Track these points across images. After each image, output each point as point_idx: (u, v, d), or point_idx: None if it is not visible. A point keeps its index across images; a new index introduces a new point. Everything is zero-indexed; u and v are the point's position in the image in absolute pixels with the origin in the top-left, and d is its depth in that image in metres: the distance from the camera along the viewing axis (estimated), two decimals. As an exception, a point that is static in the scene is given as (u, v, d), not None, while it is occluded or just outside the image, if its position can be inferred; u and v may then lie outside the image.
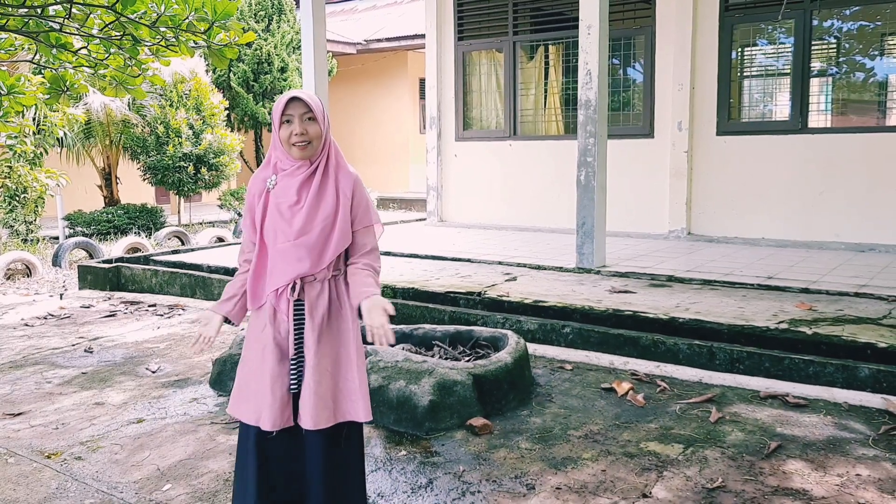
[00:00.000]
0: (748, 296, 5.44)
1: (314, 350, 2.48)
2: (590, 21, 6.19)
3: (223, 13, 4.51)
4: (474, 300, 5.58)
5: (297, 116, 2.45)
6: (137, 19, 4.52)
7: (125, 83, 5.47)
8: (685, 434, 3.61)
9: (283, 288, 2.49)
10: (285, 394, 2.50)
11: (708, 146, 8.06)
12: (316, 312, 2.50)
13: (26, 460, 3.50)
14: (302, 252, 2.46)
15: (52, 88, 5.46)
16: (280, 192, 2.50)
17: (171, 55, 5.11)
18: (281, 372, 2.51)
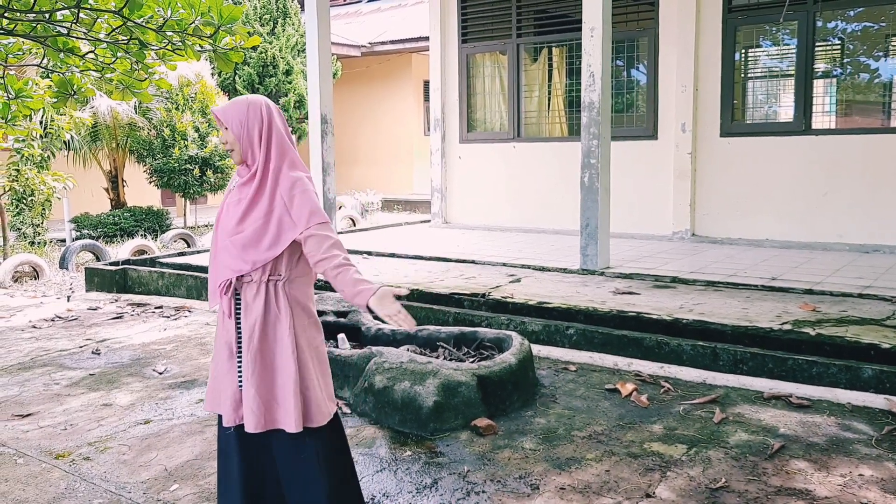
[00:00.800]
0: (752, 297, 5.45)
1: (247, 352, 2.51)
2: (593, 23, 6.21)
3: (228, 17, 4.55)
4: (479, 301, 5.61)
5: (221, 128, 2.59)
6: (144, 23, 4.56)
7: (132, 87, 5.51)
8: (689, 435, 3.63)
9: (223, 285, 2.53)
10: (235, 390, 2.54)
11: (712, 147, 8.07)
12: (250, 314, 2.51)
13: (35, 461, 3.54)
14: (235, 250, 2.50)
15: (60, 92, 5.51)
16: (232, 194, 2.61)
17: (177, 59, 5.15)
18: (230, 369, 2.56)
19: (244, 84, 13.46)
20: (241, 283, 2.51)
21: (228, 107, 2.57)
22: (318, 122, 7.93)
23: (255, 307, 2.50)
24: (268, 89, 13.57)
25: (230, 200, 2.59)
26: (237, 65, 12.84)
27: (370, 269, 6.95)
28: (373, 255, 7.75)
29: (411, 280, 6.28)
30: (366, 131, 19.24)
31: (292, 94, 13.70)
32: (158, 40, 4.73)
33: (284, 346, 2.50)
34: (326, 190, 8.02)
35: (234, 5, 4.33)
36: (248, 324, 2.50)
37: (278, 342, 2.51)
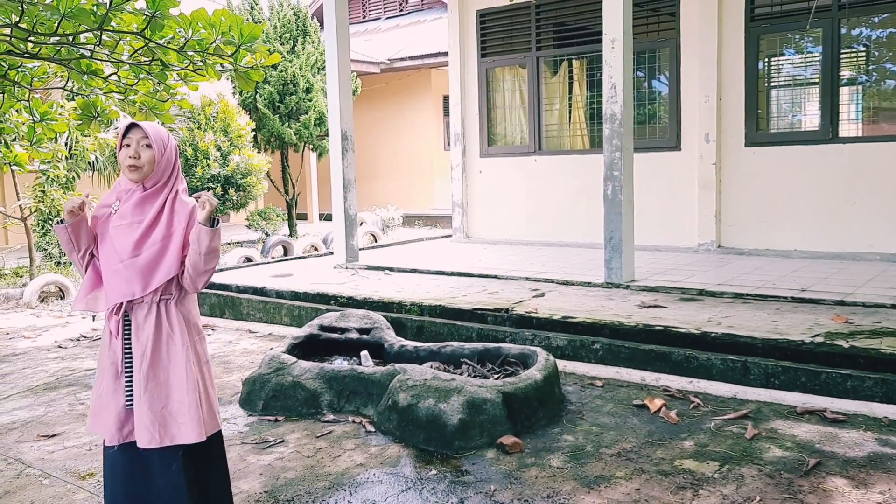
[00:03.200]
0: (782, 309, 5.34)
1: (139, 371, 2.57)
2: (613, 35, 6.17)
3: (249, 36, 4.56)
4: (502, 317, 5.55)
5: (135, 141, 2.60)
6: (165, 44, 4.59)
7: (154, 108, 5.55)
8: (721, 451, 3.54)
9: (114, 308, 2.59)
10: (121, 410, 2.59)
11: (736, 158, 7.96)
12: (142, 334, 2.58)
13: (60, 482, 3.53)
14: (131, 273, 2.55)
15: (84, 114, 5.56)
16: (119, 216, 2.62)
17: (199, 80, 5.18)
18: (116, 388, 2.60)
19: (265, 102, 13.56)
20: (131, 304, 2.59)
21: (151, 128, 2.62)
22: (339, 138, 7.94)
23: (147, 327, 2.58)
24: (288, 107, 13.66)
25: (118, 223, 2.60)
26: (258, 83, 12.94)
27: (392, 284, 6.92)
28: (394, 270, 7.73)
29: (433, 296, 6.24)
30: (385, 147, 19.30)
31: (312, 112, 13.77)
32: (180, 61, 4.76)
33: (179, 362, 2.60)
34: (347, 206, 8.02)
35: (254, 24, 4.35)
36: (140, 343, 2.58)
37: (172, 359, 2.60)
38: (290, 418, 4.24)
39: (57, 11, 3.90)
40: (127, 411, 2.60)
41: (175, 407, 2.59)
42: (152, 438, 2.55)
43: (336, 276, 7.55)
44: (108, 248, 2.63)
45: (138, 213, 2.61)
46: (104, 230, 2.65)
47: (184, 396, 2.59)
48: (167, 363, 2.61)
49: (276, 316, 6.64)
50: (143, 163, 2.60)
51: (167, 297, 2.63)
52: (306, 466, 3.58)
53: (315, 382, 4.30)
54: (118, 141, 2.66)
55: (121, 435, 2.61)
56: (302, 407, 4.26)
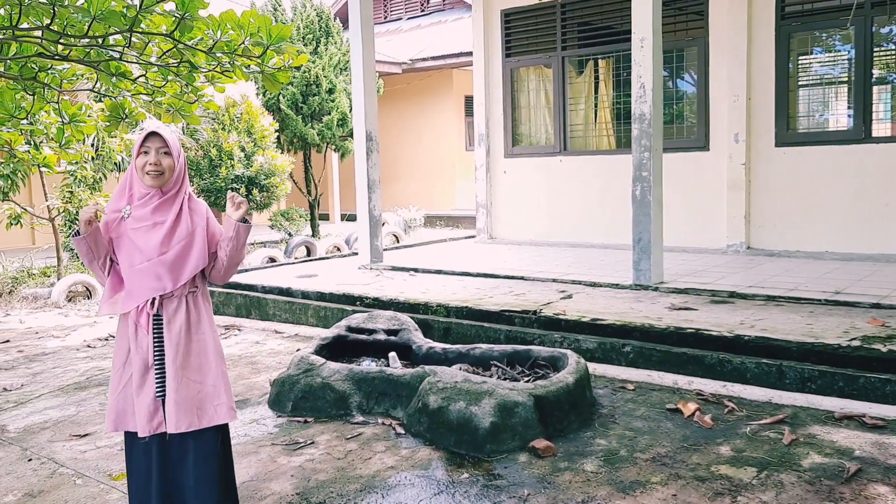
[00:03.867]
0: (816, 312, 5.25)
1: (174, 361, 2.72)
2: (643, 34, 6.10)
3: (278, 37, 4.55)
4: (530, 319, 5.50)
5: (154, 149, 2.73)
6: (194, 46, 4.59)
7: (181, 110, 5.57)
8: (758, 457, 3.47)
9: (142, 304, 2.71)
10: (151, 401, 2.72)
11: (766, 158, 7.86)
12: (173, 326, 2.74)
13: (94, 482, 3.54)
14: (160, 270, 2.71)
15: (112, 116, 5.59)
16: (136, 219, 2.73)
17: (226, 81, 5.18)
18: (145, 382, 2.73)
19: (288, 103, 13.60)
20: (160, 299, 2.73)
21: (170, 136, 2.76)
22: (364, 139, 7.94)
23: (178, 319, 2.75)
24: (311, 108, 13.68)
25: (137, 225, 2.72)
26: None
27: (417, 285, 6.89)
28: (419, 271, 7.70)
29: (459, 297, 6.21)
30: (407, 147, 19.30)
31: (335, 113, 13.79)
32: (208, 62, 4.77)
33: (209, 348, 2.81)
34: (372, 207, 8.01)
35: (282, 25, 4.34)
36: (173, 334, 2.73)
37: (203, 346, 2.80)
38: (319, 419, 4.22)
39: (88, 13, 3.91)
40: (156, 403, 2.73)
41: (209, 390, 2.79)
42: (192, 422, 2.72)
43: (361, 277, 7.54)
44: (130, 248, 2.75)
45: (159, 214, 2.75)
46: (119, 234, 2.76)
47: (216, 380, 2.81)
48: (199, 350, 2.78)
49: (302, 316, 6.64)
50: (164, 170, 2.74)
51: (193, 290, 2.82)
52: (337, 468, 3.56)
53: (344, 384, 4.28)
54: (135, 147, 2.78)
55: (151, 426, 2.72)
56: (331, 408, 4.24)
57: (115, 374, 2.80)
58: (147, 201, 2.75)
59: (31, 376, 5.45)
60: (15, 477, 3.65)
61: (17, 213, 9.39)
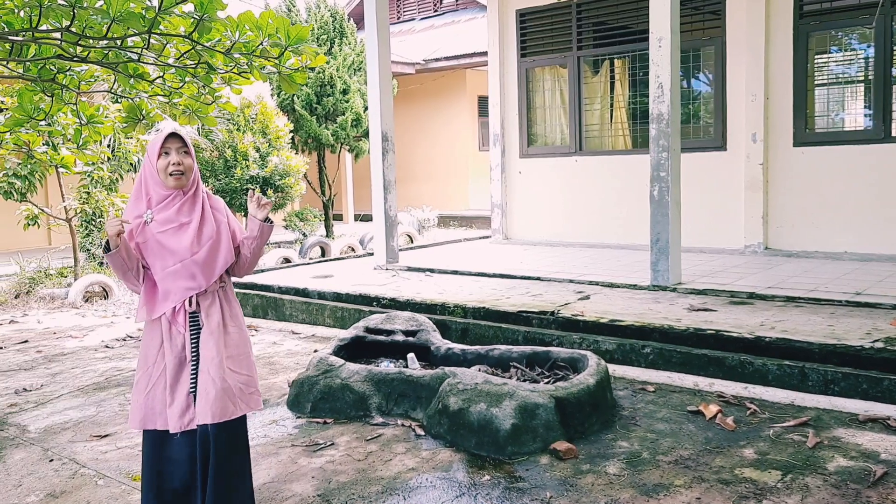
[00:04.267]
0: (837, 313, 5.20)
1: (214, 354, 2.79)
2: (661, 34, 6.07)
3: (296, 37, 4.55)
4: (548, 319, 5.48)
5: (175, 150, 2.76)
6: (212, 47, 4.60)
7: (198, 111, 5.59)
8: (782, 460, 3.44)
9: (179, 304, 2.78)
10: (185, 398, 2.79)
11: (784, 158, 7.79)
12: (211, 321, 2.81)
13: (115, 482, 3.55)
14: (194, 269, 2.77)
15: (129, 117, 5.61)
16: (160, 223, 2.77)
17: (243, 83, 5.19)
18: (179, 379, 2.79)
19: (302, 104, 13.63)
20: (197, 296, 2.80)
21: (187, 136, 2.79)
22: (380, 139, 7.93)
23: (214, 313, 2.82)
24: (325, 108, 13.70)
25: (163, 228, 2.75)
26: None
27: (433, 286, 6.88)
28: (435, 272, 7.69)
29: (476, 298, 6.19)
30: (421, 148, 19.30)
31: (349, 113, 13.80)
32: (226, 63, 4.78)
33: (243, 339, 2.92)
34: (388, 208, 8.01)
35: (301, 26, 4.34)
36: (211, 328, 2.80)
37: (238, 337, 2.90)
38: (338, 421, 4.22)
39: (107, 15, 3.93)
40: (189, 399, 2.80)
41: (245, 379, 2.90)
42: (230, 412, 2.81)
43: (377, 278, 7.54)
44: (160, 251, 2.79)
45: (184, 215, 2.79)
46: (145, 238, 2.79)
47: (250, 369, 2.94)
48: (237, 342, 2.89)
49: (318, 317, 6.64)
50: (185, 169, 2.78)
51: (223, 285, 2.91)
52: (358, 470, 3.56)
53: (363, 385, 4.28)
54: (155, 149, 2.78)
55: (182, 422, 2.79)
56: (350, 409, 4.24)
57: (142, 374, 2.84)
58: (170, 203, 2.79)
59: (51, 377, 5.48)
60: (37, 477, 3.66)
61: (35, 213, 9.46)
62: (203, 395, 2.77)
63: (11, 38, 4.36)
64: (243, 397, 2.88)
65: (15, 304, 8.95)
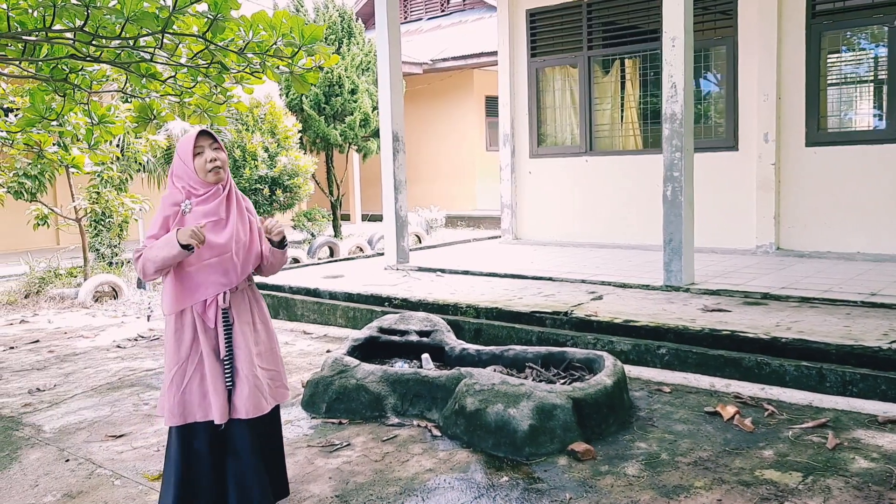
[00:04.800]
0: (852, 314, 5.17)
1: (246, 349, 2.84)
2: (674, 33, 6.04)
3: (310, 37, 4.54)
4: (561, 320, 5.46)
5: (207, 146, 2.81)
6: (225, 46, 4.60)
7: (209, 111, 5.58)
8: (802, 461, 3.42)
9: (212, 299, 2.81)
10: (223, 391, 2.83)
11: (797, 158, 7.76)
12: (242, 317, 2.87)
13: (132, 482, 3.54)
14: (229, 266, 2.81)
15: (140, 117, 5.61)
16: (198, 215, 2.79)
17: (255, 82, 5.18)
18: (218, 371, 2.83)
19: (311, 104, 13.63)
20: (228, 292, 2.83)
21: (215, 132, 2.87)
22: (390, 139, 7.92)
23: (244, 311, 2.88)
24: (334, 108, 13.71)
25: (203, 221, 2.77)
26: (304, 85, 12.97)
27: (445, 286, 6.87)
28: (446, 272, 7.68)
29: (489, 298, 6.18)
30: (428, 148, 19.30)
31: (357, 113, 13.81)
32: (239, 63, 4.77)
33: (270, 333, 3.00)
34: (398, 208, 7.99)
35: (315, 25, 4.34)
36: (243, 323, 2.85)
37: (266, 332, 2.97)
38: (353, 421, 4.21)
39: (121, 15, 3.92)
40: (226, 393, 2.84)
41: (274, 375, 2.98)
42: (262, 406, 2.87)
43: (388, 278, 7.53)
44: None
45: (224, 210, 2.83)
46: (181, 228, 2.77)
47: (277, 364, 3.01)
48: (266, 338, 2.96)
49: (330, 317, 6.63)
50: (222, 164, 2.84)
51: (250, 281, 2.99)
52: (375, 471, 3.54)
53: (379, 385, 4.27)
54: (189, 151, 2.80)
55: (226, 412, 2.84)
56: (366, 410, 4.23)
57: (176, 370, 2.84)
58: (210, 197, 2.83)
59: (64, 376, 5.48)
60: (53, 477, 3.66)
61: (44, 213, 9.47)
62: (237, 391, 2.84)
63: (25, 38, 4.36)
64: (272, 391, 2.96)
65: (25, 304, 8.97)
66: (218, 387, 2.83)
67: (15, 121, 6.64)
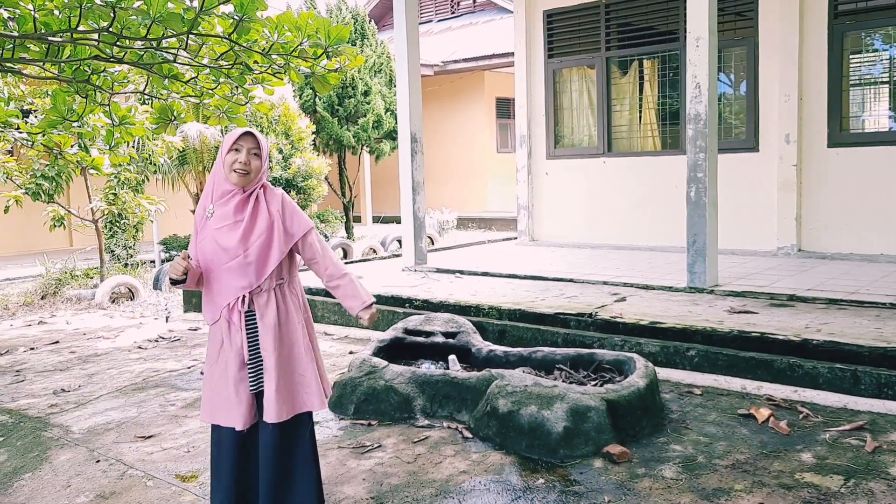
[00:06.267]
0: (882, 315, 5.12)
1: (270, 352, 2.80)
2: (698, 34, 6.01)
3: (336, 38, 4.53)
4: (586, 321, 5.43)
5: (246, 149, 2.78)
6: (250, 47, 4.59)
7: (229, 112, 5.57)
8: (842, 464, 3.38)
9: (233, 302, 2.78)
10: (249, 395, 2.81)
11: (818, 159, 7.71)
12: (267, 319, 2.81)
13: (165, 483, 3.53)
14: (245, 267, 2.77)
15: (160, 118, 5.60)
16: (218, 219, 2.80)
17: (276, 84, 5.17)
18: (242, 376, 2.80)
19: (324, 106, 13.63)
20: (250, 294, 2.79)
21: (262, 139, 2.82)
22: (409, 140, 7.91)
23: (270, 311, 2.81)
24: (347, 110, 13.71)
25: (219, 224, 2.79)
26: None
27: (465, 287, 6.84)
28: (465, 273, 7.65)
29: (510, 299, 6.15)
30: (439, 150, 19.28)
31: (370, 115, 13.80)
32: (263, 63, 4.76)
33: (298, 338, 2.87)
34: (416, 209, 7.97)
35: (341, 26, 4.32)
36: (267, 327, 2.80)
37: (292, 336, 2.86)
38: (382, 423, 4.18)
39: (147, 16, 3.91)
40: (251, 396, 2.83)
41: (298, 379, 2.87)
42: (290, 410, 2.84)
43: (406, 279, 7.51)
44: (215, 249, 2.81)
45: (238, 212, 2.81)
46: (205, 235, 2.84)
47: (305, 369, 2.88)
48: (290, 341, 2.86)
49: (351, 318, 6.60)
50: (251, 170, 2.80)
51: (280, 282, 2.87)
52: (409, 472, 3.52)
53: (408, 386, 4.24)
54: (228, 143, 2.78)
55: (250, 418, 2.83)
56: (395, 411, 4.20)
57: (208, 371, 2.88)
58: (229, 199, 2.82)
59: (87, 377, 5.47)
60: (85, 478, 3.65)
61: (61, 215, 9.48)
62: (265, 394, 2.81)
63: (51, 39, 4.35)
64: (300, 397, 2.88)
65: (41, 305, 8.98)
66: (241, 392, 2.81)
67: (36, 122, 6.64)
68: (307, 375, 2.89)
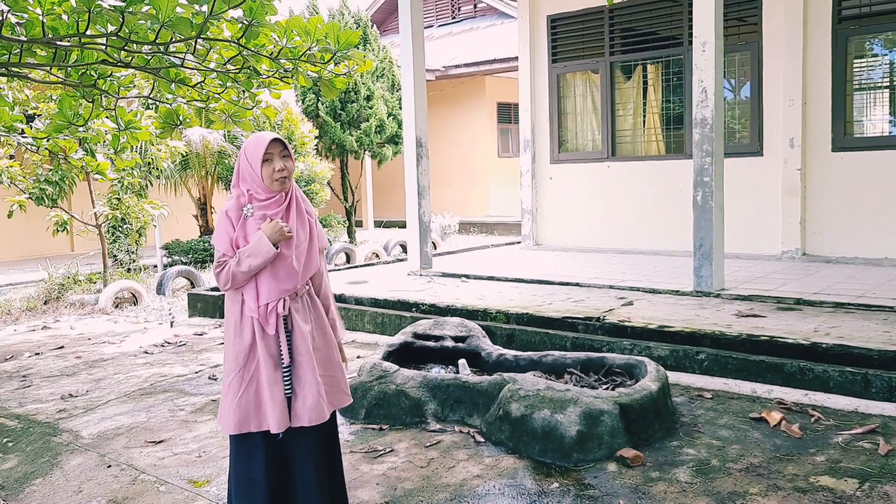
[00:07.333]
0: (890, 319, 5.13)
1: (307, 355, 2.81)
2: (705, 38, 6.02)
3: (345, 43, 4.53)
4: (594, 325, 5.43)
5: (277, 155, 2.76)
6: (258, 52, 4.59)
7: (235, 116, 5.57)
8: (856, 468, 3.37)
9: (273, 304, 2.76)
10: (283, 398, 2.79)
11: (823, 163, 7.72)
12: (301, 323, 2.83)
13: (177, 489, 3.52)
14: (290, 271, 2.79)
15: (166, 123, 5.60)
16: (261, 219, 2.77)
17: (283, 88, 5.18)
18: (276, 378, 2.78)
19: (327, 111, 13.65)
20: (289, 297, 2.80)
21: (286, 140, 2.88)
22: (414, 145, 7.91)
23: (303, 317, 2.83)
24: (349, 115, 13.72)
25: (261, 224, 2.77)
26: (320, 91, 12.97)
27: (472, 291, 6.84)
28: (471, 278, 7.65)
29: (518, 304, 6.15)
30: (440, 154, 19.28)
31: (373, 120, 13.82)
32: (271, 68, 4.76)
33: (330, 340, 2.94)
34: (422, 213, 7.98)
35: (350, 31, 4.32)
36: (303, 330, 2.81)
37: (325, 338, 2.92)
38: (394, 427, 4.18)
39: (156, 20, 3.91)
40: (284, 399, 2.79)
41: (331, 380, 2.92)
42: (330, 407, 2.89)
43: (412, 283, 7.51)
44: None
45: (286, 217, 2.80)
46: (245, 233, 2.79)
47: (337, 368, 2.96)
48: (323, 343, 2.91)
49: (358, 323, 6.61)
50: (289, 173, 2.80)
51: (308, 287, 2.92)
52: (422, 477, 3.51)
53: (419, 391, 4.24)
54: (258, 158, 2.74)
55: (285, 421, 2.79)
56: (406, 416, 4.20)
57: (234, 377, 2.80)
58: (273, 203, 2.80)
59: (94, 382, 5.46)
60: (97, 483, 3.64)
61: (64, 219, 9.48)
62: (299, 398, 2.80)
63: (58, 44, 4.35)
64: (336, 397, 2.95)
65: (45, 310, 8.96)
66: (276, 395, 2.77)
67: (42, 127, 6.64)
68: (337, 375, 2.96)
